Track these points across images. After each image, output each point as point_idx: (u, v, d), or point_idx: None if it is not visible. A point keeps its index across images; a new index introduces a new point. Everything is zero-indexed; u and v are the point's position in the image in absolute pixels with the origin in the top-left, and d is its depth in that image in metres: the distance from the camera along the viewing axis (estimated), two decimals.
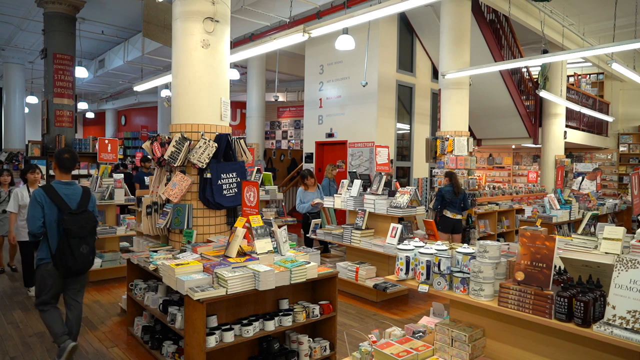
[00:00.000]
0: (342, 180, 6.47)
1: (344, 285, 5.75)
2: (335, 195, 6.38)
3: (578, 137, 12.98)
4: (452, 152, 7.78)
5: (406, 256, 2.66)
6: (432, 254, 2.57)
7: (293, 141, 17.19)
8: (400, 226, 5.23)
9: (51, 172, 8.51)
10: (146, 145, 4.75)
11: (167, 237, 4.65)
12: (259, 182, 6.41)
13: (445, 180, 6.98)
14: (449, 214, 6.75)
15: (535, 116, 11.67)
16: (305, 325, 3.66)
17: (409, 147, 10.23)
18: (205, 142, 4.27)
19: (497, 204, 8.56)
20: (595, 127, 14.42)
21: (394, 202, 5.52)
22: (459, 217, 6.80)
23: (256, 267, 3.31)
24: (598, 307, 1.98)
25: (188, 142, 4.29)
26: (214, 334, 3.17)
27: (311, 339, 3.76)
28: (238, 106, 17.49)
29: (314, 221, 6.52)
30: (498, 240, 7.29)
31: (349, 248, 6.07)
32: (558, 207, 6.89)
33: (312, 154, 10.72)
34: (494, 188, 9.73)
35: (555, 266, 2.17)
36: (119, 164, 10.52)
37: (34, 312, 5.03)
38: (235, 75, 9.57)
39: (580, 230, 4.31)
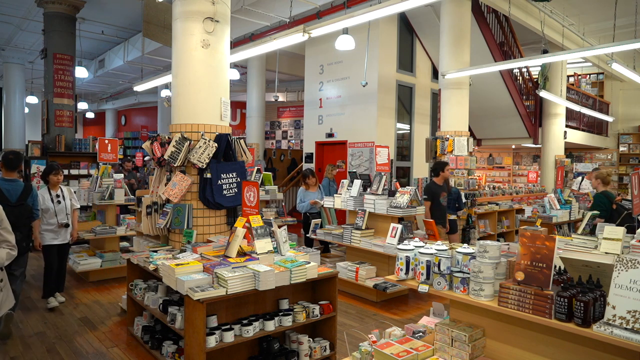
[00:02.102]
0: (342, 180, 6.47)
1: (344, 285, 5.75)
2: (335, 195, 6.38)
3: (578, 137, 12.98)
4: (452, 152, 7.77)
5: (406, 256, 2.66)
6: (432, 254, 2.57)
7: (293, 141, 17.19)
8: (400, 226, 5.23)
9: None
10: (146, 145, 4.75)
11: (167, 237, 4.65)
12: (259, 182, 6.41)
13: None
14: None
15: (535, 116, 11.67)
16: (305, 325, 3.66)
17: (409, 147, 10.23)
18: (205, 142, 4.27)
19: (497, 204, 8.57)
20: (595, 127, 14.42)
21: (394, 202, 5.52)
22: (453, 217, 6.81)
23: (256, 267, 3.31)
24: (598, 307, 1.98)
25: (188, 142, 4.29)
26: (214, 334, 3.17)
27: (311, 339, 3.76)
28: (238, 106, 17.49)
29: (314, 221, 6.52)
30: (498, 240, 7.29)
31: (349, 248, 6.07)
32: (558, 207, 6.89)
33: (312, 154, 10.72)
34: (494, 188, 9.74)
35: (555, 266, 2.17)
36: (119, 164, 10.51)
37: (34, 312, 5.03)
38: (235, 75, 9.57)
39: (580, 230, 4.31)
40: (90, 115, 21.78)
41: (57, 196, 5.25)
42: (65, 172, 8.61)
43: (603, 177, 5.86)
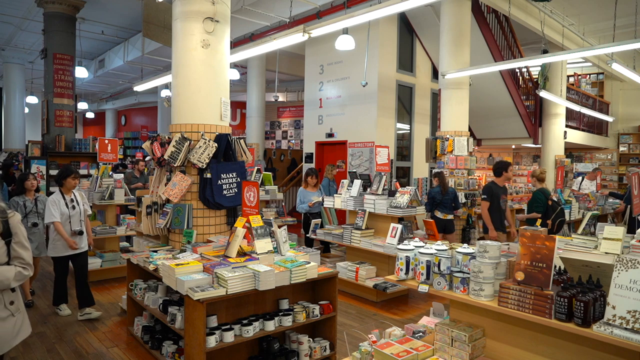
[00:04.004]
0: (342, 180, 6.47)
1: (344, 285, 5.75)
2: (335, 195, 6.38)
3: (578, 137, 12.98)
4: (452, 152, 7.78)
5: (406, 256, 2.66)
6: (432, 254, 2.57)
7: (293, 141, 17.18)
8: (400, 226, 5.23)
9: (51, 172, 8.50)
10: (146, 145, 4.76)
11: (167, 237, 4.65)
12: (259, 182, 6.41)
13: (435, 181, 6.98)
14: (439, 214, 6.77)
15: (535, 116, 11.66)
16: (305, 325, 3.66)
17: (409, 147, 10.23)
18: (205, 142, 4.27)
19: None
20: (595, 127, 14.42)
21: (394, 202, 5.52)
22: (450, 217, 6.82)
23: (256, 267, 3.31)
24: (598, 307, 1.97)
25: (188, 142, 4.29)
26: (214, 334, 3.17)
27: (311, 339, 3.76)
28: (238, 106, 17.49)
29: (314, 221, 6.52)
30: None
31: (349, 248, 6.07)
32: None
33: (312, 154, 10.72)
34: None
35: (555, 266, 2.17)
36: (119, 164, 10.51)
37: (34, 312, 5.03)
38: (235, 75, 9.57)
39: (580, 230, 4.31)
40: (90, 115, 21.79)
41: (72, 201, 4.85)
42: None
43: (537, 176, 6.31)
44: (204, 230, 4.45)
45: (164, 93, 12.09)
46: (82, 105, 15.53)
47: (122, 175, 7.01)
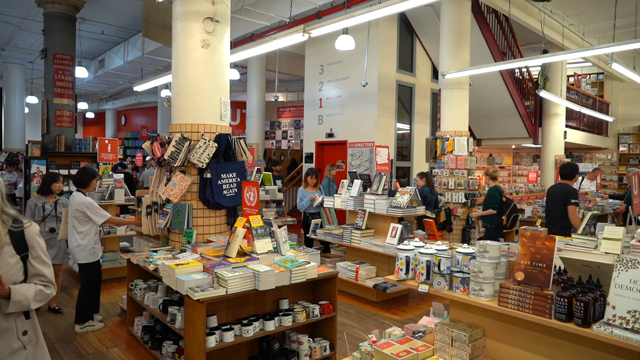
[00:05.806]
0: (342, 180, 6.47)
1: (344, 285, 5.75)
2: (335, 195, 6.38)
3: (578, 137, 12.98)
4: (452, 152, 7.78)
5: (406, 256, 2.66)
6: (432, 254, 2.57)
7: (293, 141, 17.18)
8: (400, 226, 5.23)
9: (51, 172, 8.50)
10: (146, 145, 4.76)
11: (167, 237, 4.65)
12: (259, 182, 6.41)
13: (422, 181, 6.98)
14: (429, 213, 6.78)
15: (535, 116, 11.67)
16: (305, 325, 3.66)
17: (409, 147, 10.23)
18: (205, 142, 4.27)
19: None
20: (595, 127, 14.42)
21: (394, 202, 5.52)
22: (434, 215, 6.89)
23: (256, 267, 3.31)
24: (598, 307, 1.97)
25: (188, 142, 4.29)
26: (214, 334, 3.17)
27: (311, 339, 3.77)
28: (238, 106, 17.49)
29: (314, 221, 6.52)
30: (498, 240, 7.29)
31: (349, 248, 6.07)
32: None
33: (312, 154, 10.71)
34: None
35: (555, 266, 2.17)
36: (119, 163, 10.51)
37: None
38: (235, 75, 9.57)
39: (580, 230, 4.30)
40: (90, 115, 21.78)
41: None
42: (65, 172, 8.63)
43: (491, 174, 6.54)
44: (204, 230, 4.45)
45: (164, 93, 12.08)
46: (82, 105, 15.53)
47: (122, 175, 7.00)
